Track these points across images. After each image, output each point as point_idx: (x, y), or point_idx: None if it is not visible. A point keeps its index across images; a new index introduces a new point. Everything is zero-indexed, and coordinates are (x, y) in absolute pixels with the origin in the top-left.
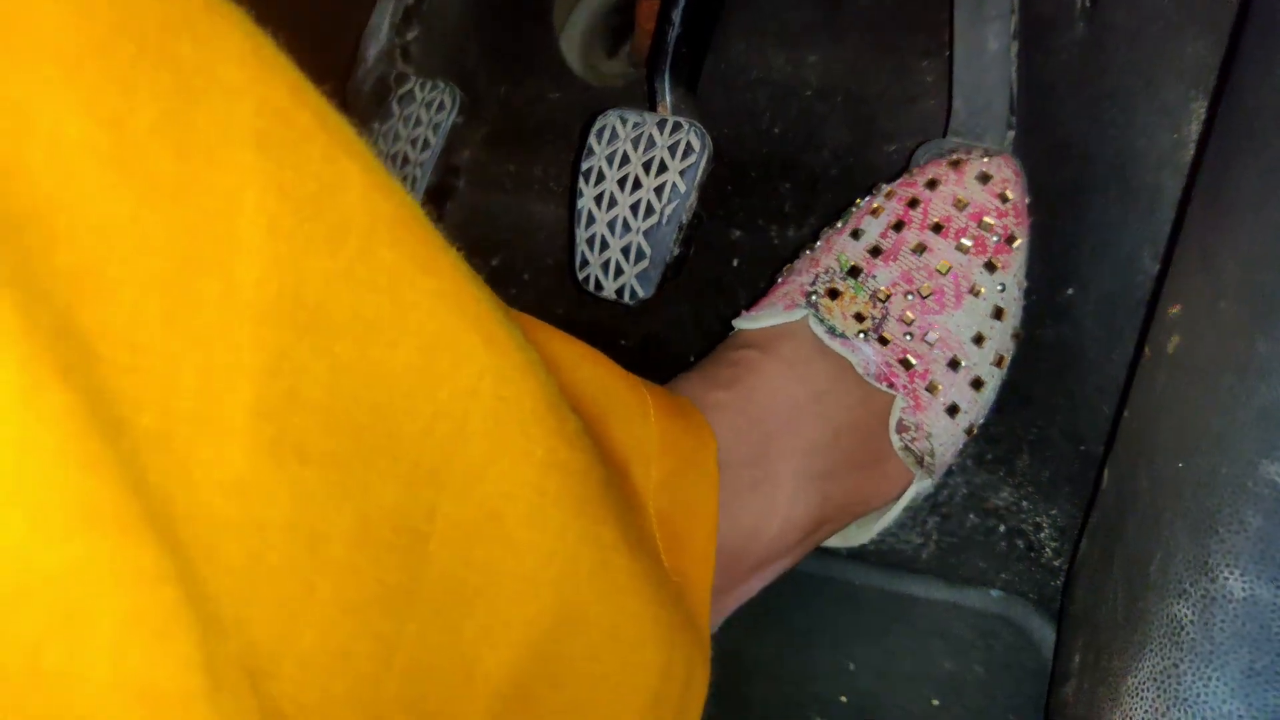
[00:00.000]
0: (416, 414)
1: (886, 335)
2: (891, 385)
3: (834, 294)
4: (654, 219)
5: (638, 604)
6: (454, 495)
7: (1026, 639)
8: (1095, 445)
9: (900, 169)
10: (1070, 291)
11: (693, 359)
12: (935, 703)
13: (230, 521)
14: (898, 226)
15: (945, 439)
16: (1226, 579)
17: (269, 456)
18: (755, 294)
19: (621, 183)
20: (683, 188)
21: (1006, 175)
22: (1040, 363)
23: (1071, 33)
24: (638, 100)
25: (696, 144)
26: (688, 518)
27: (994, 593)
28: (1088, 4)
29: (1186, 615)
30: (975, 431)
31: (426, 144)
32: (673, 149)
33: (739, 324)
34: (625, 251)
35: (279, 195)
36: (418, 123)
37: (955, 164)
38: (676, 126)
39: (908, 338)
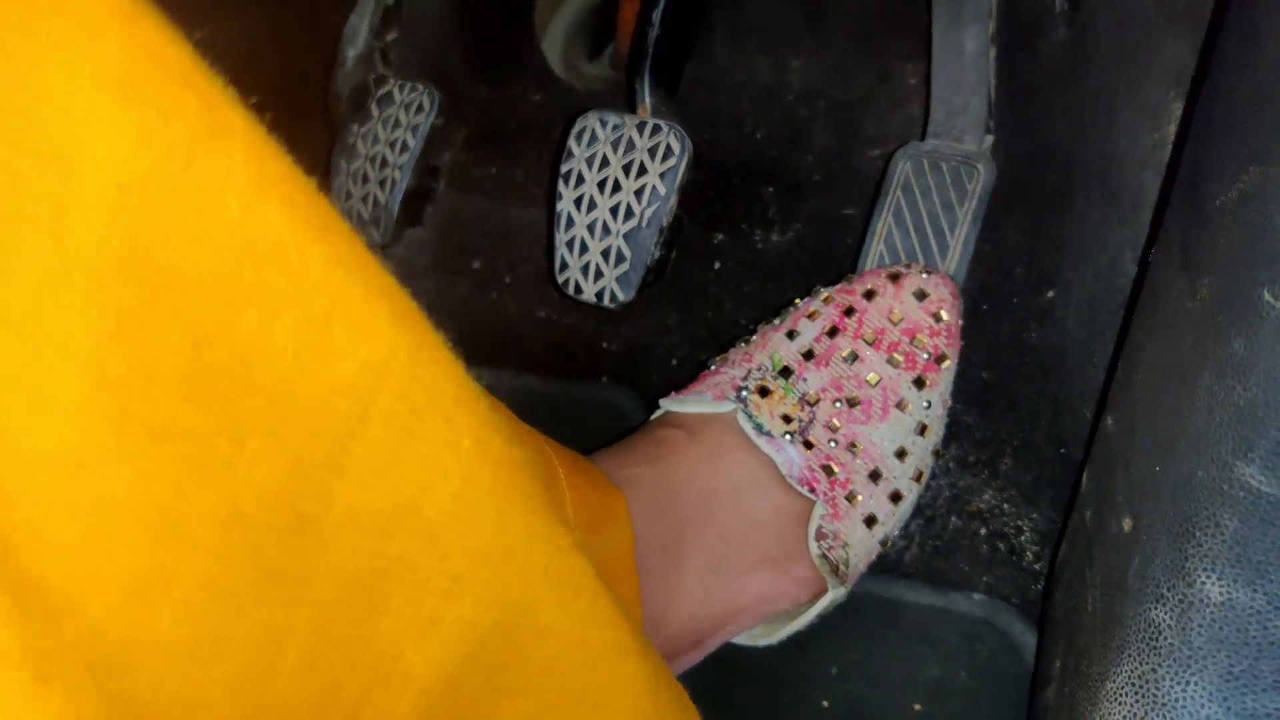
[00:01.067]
0: (305, 391)
1: (812, 439)
2: (812, 490)
3: (764, 392)
4: (634, 222)
5: (607, 613)
6: (357, 481)
7: (1009, 643)
8: (1077, 449)
9: (879, 176)
10: (1052, 294)
11: (674, 363)
12: (918, 708)
13: (62, 501)
14: (832, 333)
15: (860, 550)
16: (1204, 583)
17: (112, 431)
18: (738, 298)
19: (601, 185)
20: (663, 190)
21: (943, 295)
22: (1024, 366)
23: (1053, 35)
24: (620, 103)
25: (677, 146)
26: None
27: (977, 596)
28: (1068, 7)
29: (1164, 620)
30: (890, 544)
31: (405, 146)
32: (653, 151)
33: (666, 405)
34: (605, 254)
35: (137, 143)
36: (396, 125)
37: (894, 277)
38: (656, 129)
39: (832, 444)
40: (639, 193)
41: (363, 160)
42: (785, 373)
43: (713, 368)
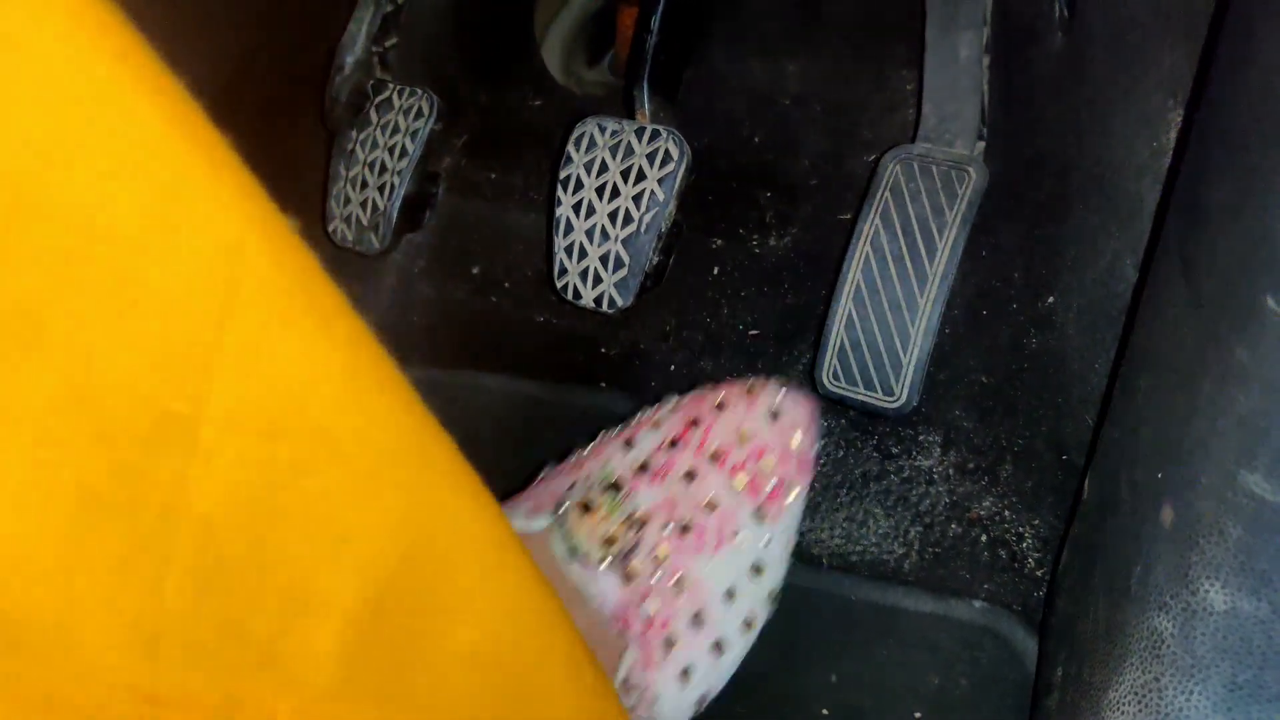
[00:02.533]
0: (157, 274)
1: (633, 569)
2: (625, 629)
3: (587, 507)
4: (632, 227)
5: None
6: (230, 378)
7: (1010, 651)
8: (1078, 455)
9: (867, 180)
10: (1051, 300)
11: (672, 368)
12: (918, 716)
13: None
14: (672, 444)
15: (670, 707)
16: (1207, 591)
17: None
18: (735, 302)
19: (600, 191)
20: (661, 196)
21: (798, 418)
22: (1024, 372)
23: (1050, 43)
24: (619, 109)
25: (675, 152)
26: None
27: (977, 604)
28: (1066, 14)
29: (1167, 628)
30: (705, 705)
31: (405, 151)
32: (651, 157)
33: None
34: (604, 260)
35: None
36: (395, 130)
37: (750, 390)
38: (655, 134)
39: (656, 576)
40: (638, 198)
41: (361, 166)
42: (615, 487)
43: (544, 475)
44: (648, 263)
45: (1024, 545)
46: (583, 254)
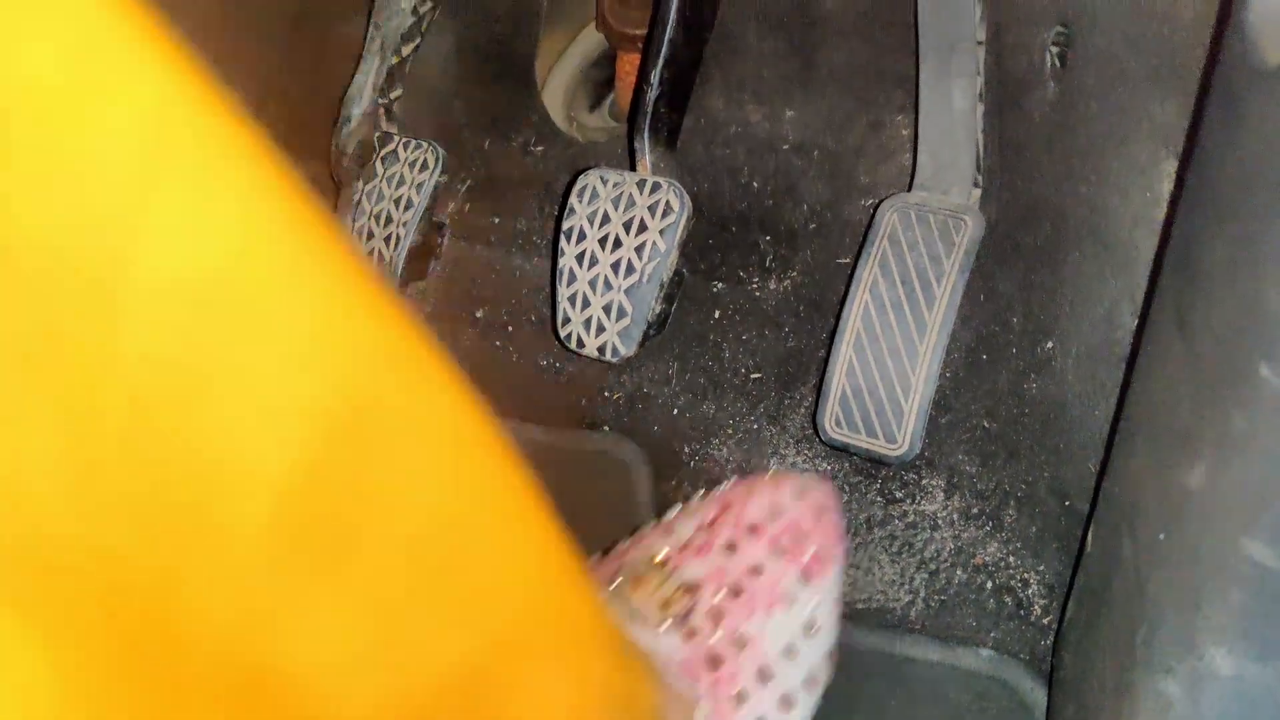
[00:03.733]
0: (77, 135)
1: (693, 627)
2: (696, 682)
3: (639, 582)
4: (635, 277)
5: (469, 405)
6: (155, 244)
7: (1019, 701)
8: (1081, 501)
9: (866, 225)
10: (1050, 345)
11: (675, 412)
12: None
13: None
14: (710, 525)
15: None
16: (1213, 656)
17: None
18: (736, 346)
19: (602, 241)
20: (663, 246)
21: (823, 498)
22: (1024, 417)
23: (1043, 92)
24: (621, 154)
25: (676, 203)
26: None
27: (984, 653)
28: (1057, 65)
29: (1174, 692)
30: None
31: (410, 203)
32: (653, 208)
33: None
34: (607, 309)
35: None
36: (401, 182)
37: (774, 479)
38: (656, 186)
39: (716, 635)
40: (640, 249)
41: (368, 217)
42: (662, 564)
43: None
44: (650, 312)
45: (1029, 592)
46: (586, 303)
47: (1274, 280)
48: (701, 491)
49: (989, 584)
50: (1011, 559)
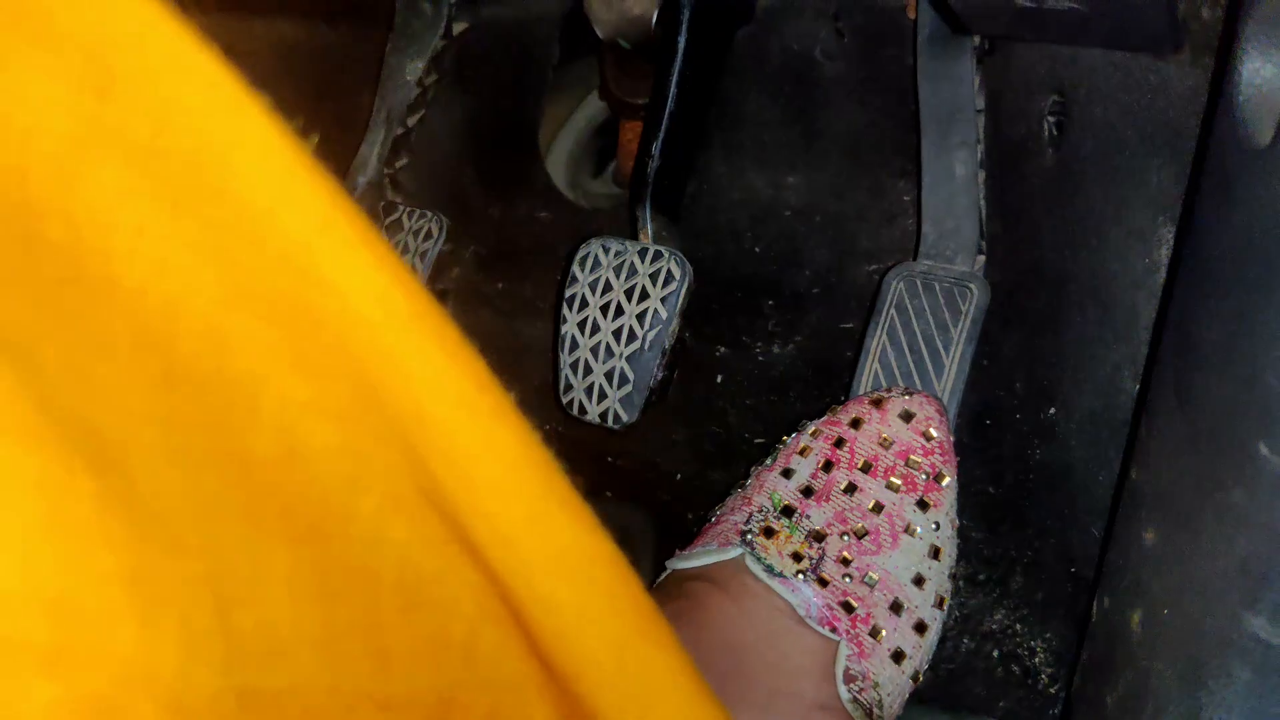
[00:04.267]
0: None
1: (825, 576)
2: (834, 629)
3: (769, 532)
4: (636, 345)
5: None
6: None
7: None
8: (1087, 567)
9: (876, 290)
10: (1053, 411)
11: (680, 478)
12: None
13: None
14: (827, 466)
15: (892, 688)
16: None
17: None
18: (742, 411)
19: (604, 309)
20: (664, 314)
21: (929, 413)
22: (1029, 483)
23: (1041, 159)
24: (624, 218)
25: (677, 272)
26: None
27: None
28: (1054, 132)
29: None
30: (920, 680)
31: (414, 272)
32: (654, 277)
33: (673, 564)
34: (608, 376)
35: None
36: (405, 250)
37: (877, 403)
38: (658, 255)
39: (847, 579)
40: (641, 317)
41: None
42: (787, 511)
43: (713, 519)
44: (652, 379)
45: (1036, 660)
46: (588, 370)
47: (1270, 359)
48: (809, 426)
49: (996, 652)
50: (1019, 626)
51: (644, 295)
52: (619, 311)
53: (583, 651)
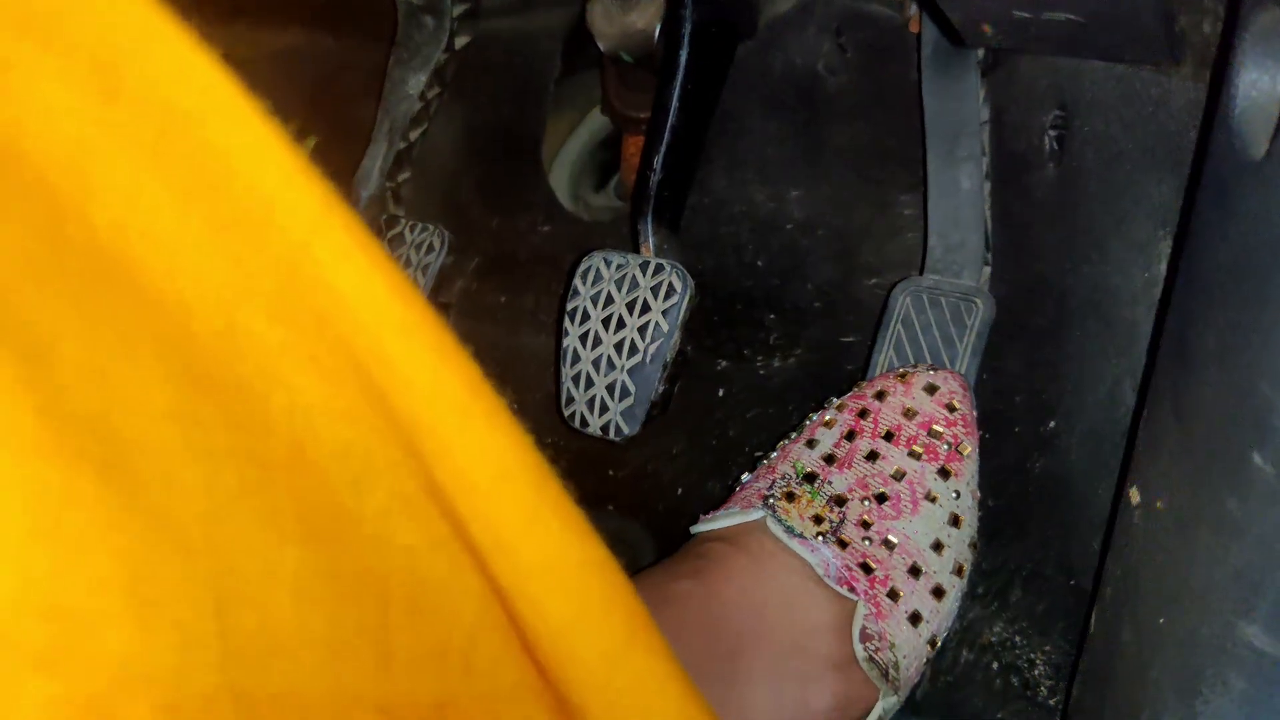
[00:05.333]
0: None
1: (845, 538)
2: (852, 590)
3: (791, 497)
4: (638, 358)
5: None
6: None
7: None
8: (1086, 580)
9: (879, 304)
10: (1054, 424)
11: (680, 491)
12: None
13: (174, 448)
14: (850, 436)
15: (908, 650)
16: None
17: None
18: (743, 424)
19: (606, 322)
20: (665, 327)
21: (953, 388)
22: (1030, 495)
23: (1043, 173)
24: (625, 232)
25: (679, 285)
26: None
27: None
28: (1056, 146)
29: None
30: (938, 645)
31: (416, 285)
32: (655, 290)
33: (697, 528)
34: (610, 389)
35: None
36: (407, 264)
37: (902, 376)
38: (659, 268)
39: (867, 542)
40: (642, 330)
41: None
42: (809, 478)
43: (738, 487)
44: (654, 392)
45: (1036, 673)
46: (590, 383)
47: (1264, 370)
48: (835, 401)
49: (995, 664)
50: (1018, 638)
51: (645, 308)
52: (620, 324)
53: (575, 656)
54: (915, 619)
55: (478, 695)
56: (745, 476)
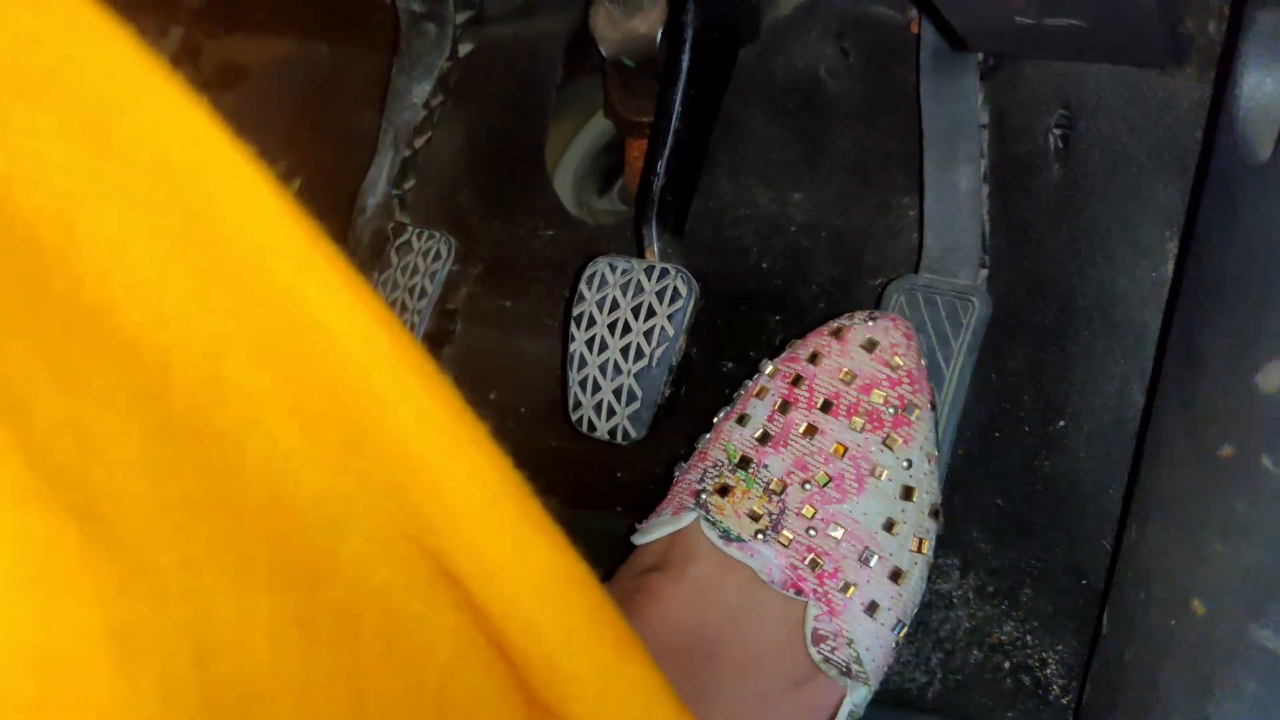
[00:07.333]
0: None
1: (786, 534)
2: (800, 591)
3: (724, 490)
4: (644, 362)
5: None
6: None
7: None
8: (1096, 579)
9: (875, 307)
10: (1062, 424)
11: None
12: None
13: (149, 498)
14: (784, 408)
15: (870, 642)
16: None
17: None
18: None
19: (611, 327)
20: (671, 331)
21: (894, 339)
22: (1039, 495)
23: (1047, 174)
24: (629, 236)
25: (684, 289)
26: None
27: None
28: (1061, 147)
29: None
30: (906, 626)
31: (424, 292)
32: (660, 294)
33: (635, 539)
34: (617, 393)
35: None
36: (415, 271)
37: (836, 333)
38: (664, 273)
39: (810, 533)
40: (648, 334)
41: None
42: (744, 463)
43: (675, 477)
44: (660, 395)
45: (1047, 672)
46: (596, 388)
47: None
48: (768, 366)
49: (1006, 663)
50: (1029, 638)
51: (651, 313)
52: (626, 329)
53: (569, 673)
54: (873, 609)
55: None
56: (680, 466)
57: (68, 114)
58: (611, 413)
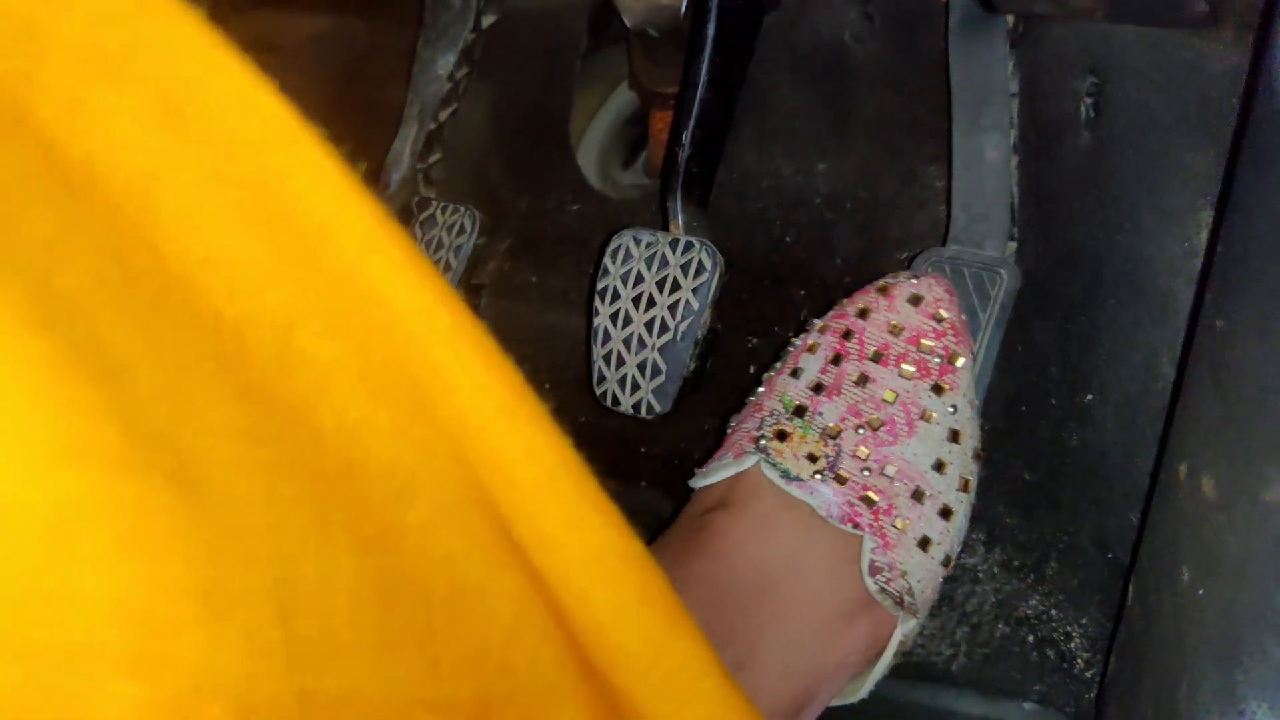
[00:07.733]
0: None
1: (843, 473)
2: (856, 526)
3: (782, 436)
4: (669, 336)
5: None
6: None
7: None
8: (1123, 552)
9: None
10: (1090, 396)
11: None
12: None
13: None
14: (836, 360)
15: (922, 574)
16: (1254, 712)
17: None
18: None
19: (636, 301)
20: (696, 305)
21: (938, 295)
22: (1066, 468)
23: (1075, 141)
24: (654, 209)
25: (708, 263)
26: None
27: (1028, 705)
28: (1090, 113)
29: None
30: (953, 564)
31: (448, 266)
32: (685, 268)
33: (694, 483)
34: (641, 368)
35: None
36: (439, 246)
37: (883, 290)
38: (689, 246)
39: (865, 473)
40: (673, 308)
41: None
42: (799, 411)
43: (729, 430)
44: (685, 369)
45: (1072, 645)
46: (621, 362)
47: None
48: (816, 324)
49: (1031, 637)
50: (1054, 611)
51: (675, 286)
52: (651, 303)
53: (620, 644)
54: (925, 543)
55: (516, 693)
56: (734, 419)
57: (144, 94)
58: (636, 387)
